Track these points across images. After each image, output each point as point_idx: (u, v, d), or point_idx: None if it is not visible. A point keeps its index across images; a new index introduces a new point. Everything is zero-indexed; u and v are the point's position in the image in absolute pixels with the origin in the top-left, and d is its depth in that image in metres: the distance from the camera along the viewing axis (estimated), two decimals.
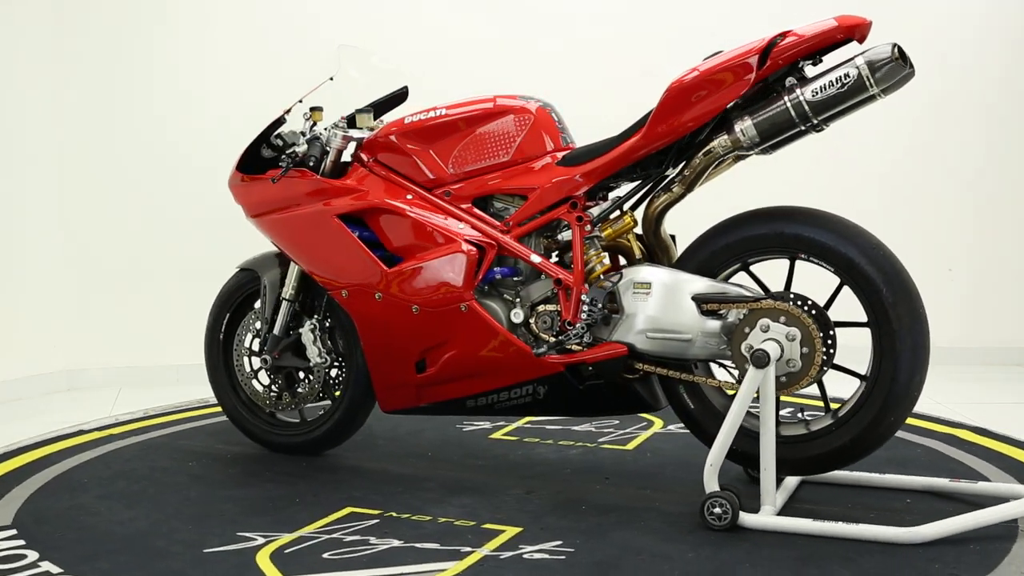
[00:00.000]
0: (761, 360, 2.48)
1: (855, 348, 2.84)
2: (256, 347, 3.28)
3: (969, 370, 4.59)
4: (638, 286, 2.69)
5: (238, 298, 3.32)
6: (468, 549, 2.41)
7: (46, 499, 2.85)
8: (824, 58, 2.58)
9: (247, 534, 2.54)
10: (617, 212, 2.81)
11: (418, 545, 2.44)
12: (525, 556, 2.36)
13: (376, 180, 2.98)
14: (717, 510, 2.50)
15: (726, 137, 2.60)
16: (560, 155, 2.85)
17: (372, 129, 3.11)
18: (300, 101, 3.07)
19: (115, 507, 2.78)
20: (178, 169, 4.59)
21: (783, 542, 2.41)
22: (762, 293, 2.63)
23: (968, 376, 4.48)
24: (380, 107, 3.20)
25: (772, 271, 2.74)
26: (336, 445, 3.27)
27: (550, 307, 2.81)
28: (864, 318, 2.60)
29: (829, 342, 2.56)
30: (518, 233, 2.84)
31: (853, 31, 2.49)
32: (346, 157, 3.10)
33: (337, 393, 3.20)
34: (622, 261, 2.87)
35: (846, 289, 2.61)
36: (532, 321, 2.83)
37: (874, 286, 2.53)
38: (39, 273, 4.53)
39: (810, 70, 2.59)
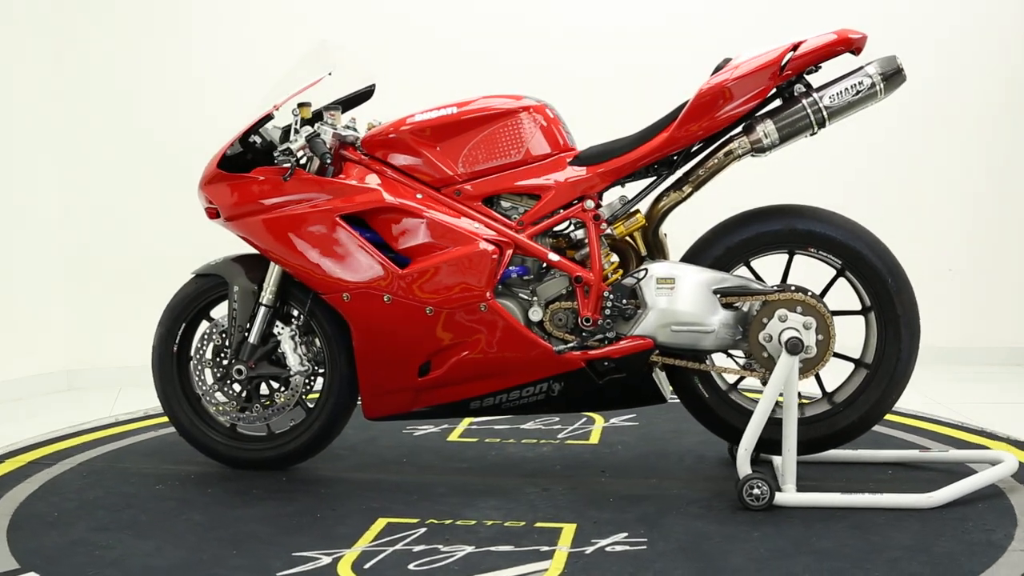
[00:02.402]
0: (796, 347, 2.65)
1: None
2: (220, 358, 3.05)
3: (969, 370, 4.56)
4: (661, 281, 2.78)
5: (197, 306, 3.07)
6: (546, 548, 2.40)
7: (30, 537, 2.52)
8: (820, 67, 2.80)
9: (305, 554, 2.38)
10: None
11: (494, 549, 2.40)
12: (607, 549, 2.39)
13: (379, 178, 2.87)
14: (756, 491, 2.64)
15: (745, 138, 2.76)
16: (569, 155, 2.89)
17: (349, 127, 3.00)
18: (291, 97, 2.88)
19: (123, 538, 2.50)
20: (178, 169, 4.28)
21: (825, 515, 2.58)
22: (772, 286, 2.81)
23: (967, 376, 4.46)
24: (346, 104, 3.09)
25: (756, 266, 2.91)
26: (308, 458, 3.10)
27: (565, 304, 2.83)
28: (853, 308, 2.87)
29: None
30: (532, 232, 2.85)
31: (852, 44, 2.73)
32: None
33: (316, 395, 3.04)
34: (614, 258, 2.95)
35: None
36: (546, 319, 2.84)
37: (880, 277, 2.78)
38: (39, 273, 4.48)
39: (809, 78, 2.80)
